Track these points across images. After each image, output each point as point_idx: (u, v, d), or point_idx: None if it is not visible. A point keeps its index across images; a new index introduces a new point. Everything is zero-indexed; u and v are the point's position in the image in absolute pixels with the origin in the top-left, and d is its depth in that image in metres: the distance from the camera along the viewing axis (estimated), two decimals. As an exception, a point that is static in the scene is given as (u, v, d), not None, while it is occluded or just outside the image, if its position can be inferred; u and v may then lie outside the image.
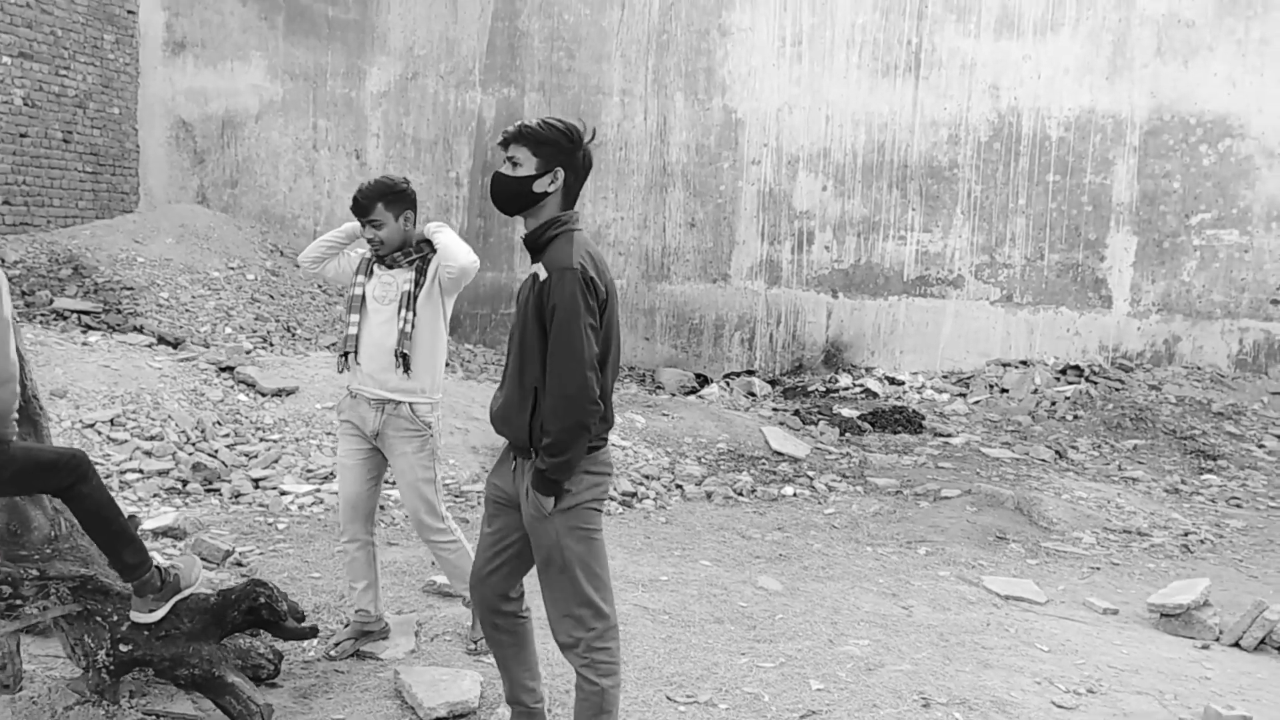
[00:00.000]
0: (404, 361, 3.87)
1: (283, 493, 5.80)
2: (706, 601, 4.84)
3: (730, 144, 11.88)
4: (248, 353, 7.81)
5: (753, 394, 10.87)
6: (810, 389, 11.00)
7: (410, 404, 3.92)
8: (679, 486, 6.87)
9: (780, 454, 7.88)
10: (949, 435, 9.21)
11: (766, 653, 4.29)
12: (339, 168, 12.41)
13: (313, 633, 3.62)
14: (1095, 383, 10.61)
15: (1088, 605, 5.20)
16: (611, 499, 6.52)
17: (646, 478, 6.93)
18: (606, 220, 12.07)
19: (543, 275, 2.81)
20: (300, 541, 5.28)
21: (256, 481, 5.90)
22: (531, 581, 3.05)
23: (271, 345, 8.72)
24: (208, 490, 5.77)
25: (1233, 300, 11.12)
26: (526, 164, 2.85)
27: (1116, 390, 10.47)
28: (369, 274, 4.00)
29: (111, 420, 6.09)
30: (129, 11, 12.39)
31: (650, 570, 5.22)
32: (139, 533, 3.48)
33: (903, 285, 11.73)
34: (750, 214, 11.90)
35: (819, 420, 9.25)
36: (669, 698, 3.80)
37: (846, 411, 9.76)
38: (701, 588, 5.02)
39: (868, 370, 11.62)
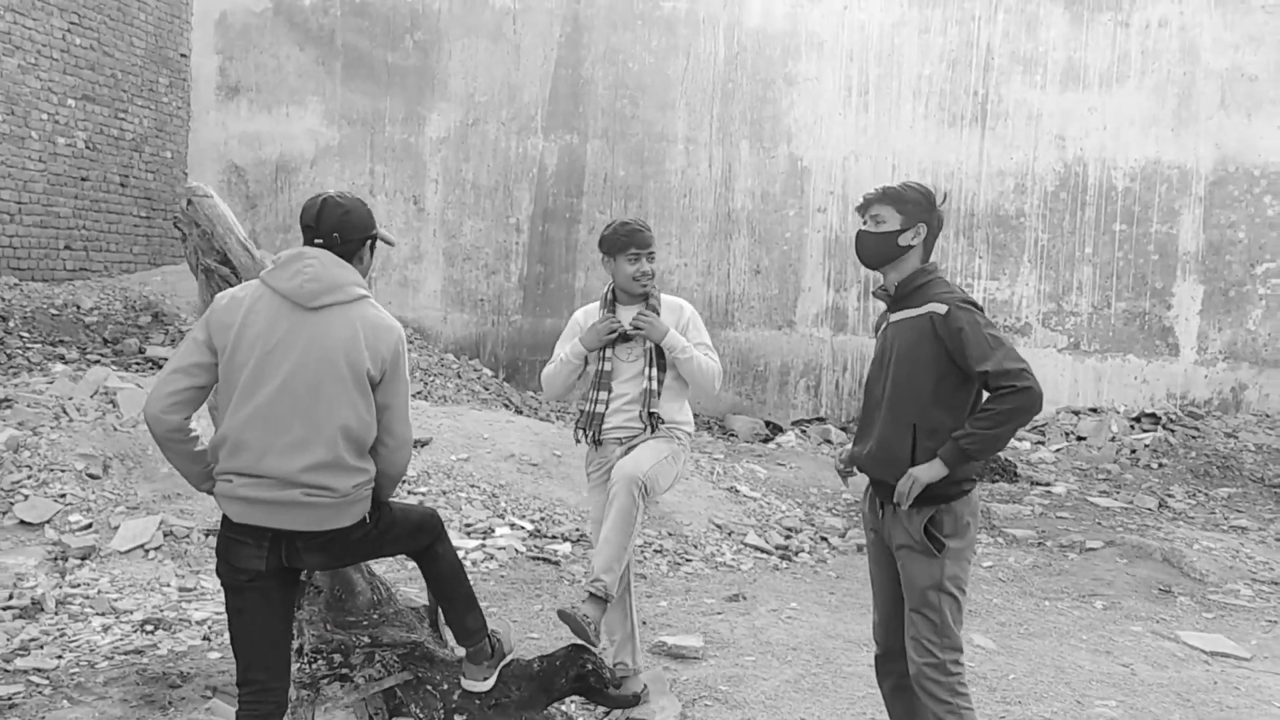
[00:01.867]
0: (652, 420, 3.83)
1: (449, 548, 5.58)
2: (933, 660, 4.69)
3: (796, 191, 11.88)
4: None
5: (829, 441, 10.77)
6: (886, 437, 10.90)
7: (667, 426, 3.87)
8: (823, 539, 6.72)
9: (903, 504, 7.76)
10: (1047, 484, 9.15)
11: (1021, 715, 4.17)
12: (396, 213, 12.27)
13: (634, 700, 3.44)
14: (1173, 430, 10.62)
15: (1294, 660, 5.12)
16: (769, 551, 6.36)
17: (790, 530, 6.78)
18: (670, 267, 11.99)
19: (941, 310, 2.92)
20: (497, 600, 5.07)
21: (421, 536, 5.67)
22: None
23: (364, 393, 8.49)
24: (376, 546, 5.53)
25: (1298, 348, 11.23)
26: (890, 220, 3.06)
27: (1194, 438, 10.49)
28: (606, 352, 3.90)
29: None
30: (182, 55, 12.24)
31: (860, 629, 5.07)
32: None
33: (968, 333, 11.71)
34: (816, 261, 11.89)
35: (920, 469, 9.15)
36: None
37: (936, 460, 9.66)
38: (918, 646, 4.87)
39: (936, 418, 11.56)
